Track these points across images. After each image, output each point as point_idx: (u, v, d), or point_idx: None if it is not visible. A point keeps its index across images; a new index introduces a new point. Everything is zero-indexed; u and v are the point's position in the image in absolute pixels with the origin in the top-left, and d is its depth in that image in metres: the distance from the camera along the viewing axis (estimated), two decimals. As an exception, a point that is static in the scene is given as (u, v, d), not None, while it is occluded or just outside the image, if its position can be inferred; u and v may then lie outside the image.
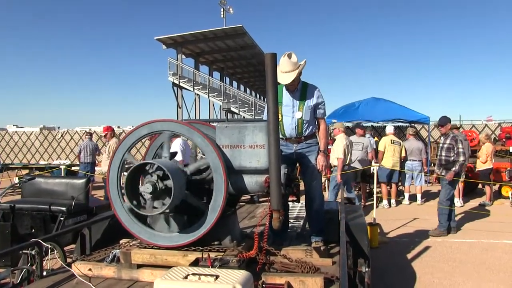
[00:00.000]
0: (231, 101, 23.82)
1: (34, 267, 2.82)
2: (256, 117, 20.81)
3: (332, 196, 7.24)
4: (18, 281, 2.77)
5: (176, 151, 4.55)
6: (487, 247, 5.80)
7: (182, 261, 2.70)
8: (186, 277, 2.18)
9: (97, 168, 10.30)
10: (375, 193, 7.19)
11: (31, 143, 21.17)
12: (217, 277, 2.17)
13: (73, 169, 11.20)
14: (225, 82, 29.54)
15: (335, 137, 7.75)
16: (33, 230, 4.70)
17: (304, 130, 3.46)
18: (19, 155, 21.15)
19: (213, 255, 2.70)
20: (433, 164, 9.16)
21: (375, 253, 5.09)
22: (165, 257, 2.79)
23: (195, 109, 26.12)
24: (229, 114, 23.97)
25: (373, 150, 9.06)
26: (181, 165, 2.97)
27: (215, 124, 3.12)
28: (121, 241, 3.17)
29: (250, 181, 2.92)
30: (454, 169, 6.30)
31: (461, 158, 6.33)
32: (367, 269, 2.99)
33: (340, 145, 7.25)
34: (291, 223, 4.23)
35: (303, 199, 3.63)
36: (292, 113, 3.44)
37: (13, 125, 55.12)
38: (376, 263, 4.60)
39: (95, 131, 17.84)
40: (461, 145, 6.38)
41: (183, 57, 24.72)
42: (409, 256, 5.45)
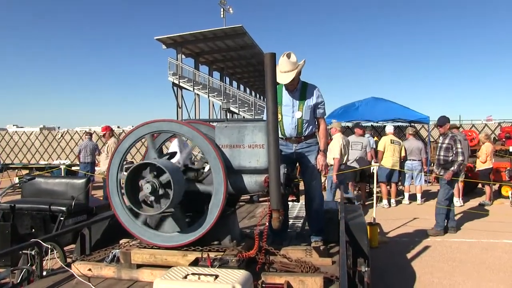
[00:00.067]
0: (231, 101, 23.84)
1: (34, 267, 2.82)
2: (256, 117, 20.82)
3: (330, 196, 7.24)
4: (18, 281, 2.77)
5: (175, 151, 4.54)
6: (487, 246, 5.81)
7: (181, 261, 2.71)
8: (185, 277, 2.19)
9: (96, 168, 10.30)
10: (375, 192, 7.18)
11: (31, 143, 21.16)
12: (217, 277, 2.17)
13: (73, 169, 11.22)
14: (225, 82, 29.57)
15: (332, 136, 7.75)
16: (33, 230, 4.70)
17: (304, 130, 3.46)
18: (19, 155, 21.13)
19: (212, 255, 2.70)
20: (433, 163, 9.16)
21: (375, 253, 5.09)
22: (165, 257, 2.79)
23: (195, 109, 26.17)
24: (229, 114, 23.99)
25: (372, 149, 9.07)
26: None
27: (214, 124, 3.12)
28: (121, 241, 3.17)
29: (249, 181, 2.92)
30: (452, 169, 6.31)
31: (460, 158, 6.33)
32: (366, 269, 2.98)
33: (336, 144, 7.21)
34: (290, 222, 4.23)
35: (302, 198, 3.64)
36: (292, 113, 3.44)
37: (13, 125, 54.98)
38: (375, 262, 4.60)
39: (95, 131, 17.80)
40: (459, 145, 6.39)
41: (183, 57, 24.74)
42: (409, 255, 5.46)
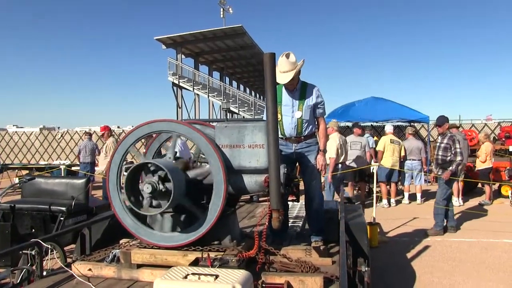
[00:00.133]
0: (230, 101, 23.84)
1: (34, 267, 2.82)
2: (255, 117, 20.81)
3: (329, 195, 7.23)
4: (18, 281, 2.77)
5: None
6: (486, 246, 5.81)
7: (182, 261, 2.71)
8: (186, 277, 2.19)
9: (96, 168, 10.31)
10: (374, 192, 7.19)
11: (31, 143, 21.16)
12: (217, 276, 2.17)
13: (73, 169, 11.22)
14: (225, 82, 29.57)
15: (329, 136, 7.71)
16: (33, 230, 4.70)
17: (303, 129, 3.46)
18: (19, 155, 21.13)
19: (212, 254, 2.70)
20: (432, 163, 9.16)
21: (375, 253, 5.09)
22: (165, 257, 2.79)
23: (194, 109, 26.16)
24: (228, 114, 24.00)
25: (371, 149, 9.07)
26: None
27: (214, 124, 3.12)
28: (121, 241, 3.17)
29: (249, 181, 2.92)
30: (450, 168, 6.30)
31: (458, 158, 6.33)
32: (366, 269, 2.98)
33: (333, 144, 7.18)
34: (290, 222, 4.23)
35: (302, 198, 3.64)
36: (291, 112, 3.44)
37: (13, 125, 55.04)
38: (375, 262, 4.60)
39: (94, 131, 17.79)
40: (458, 145, 6.38)
41: (183, 57, 24.74)
42: (409, 255, 5.46)
